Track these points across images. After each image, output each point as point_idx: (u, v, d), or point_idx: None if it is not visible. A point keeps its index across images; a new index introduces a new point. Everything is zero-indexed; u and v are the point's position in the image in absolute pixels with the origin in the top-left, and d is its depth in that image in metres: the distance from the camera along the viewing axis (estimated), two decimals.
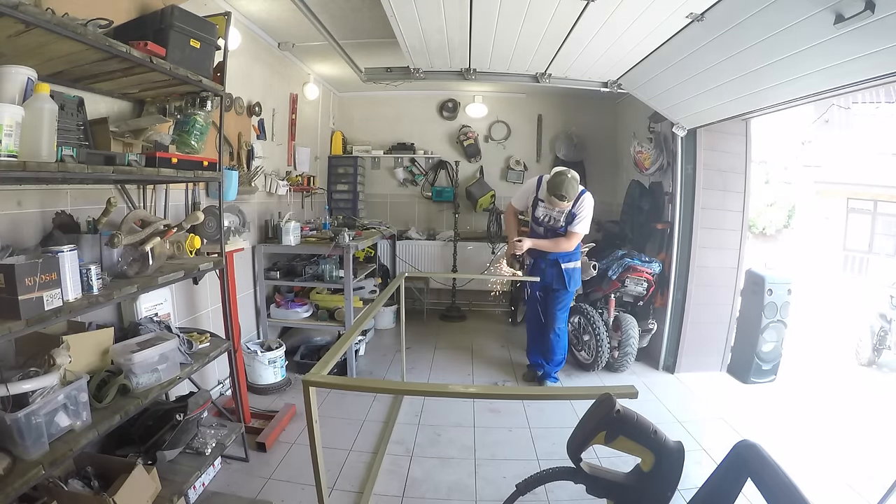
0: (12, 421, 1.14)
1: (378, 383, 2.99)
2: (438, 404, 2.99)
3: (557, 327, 3.22)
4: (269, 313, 3.50)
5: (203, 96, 1.96)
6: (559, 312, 3.21)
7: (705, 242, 3.49)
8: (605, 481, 0.86)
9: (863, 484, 2.19)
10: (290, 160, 3.97)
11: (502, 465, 2.36)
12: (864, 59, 1.86)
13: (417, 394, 3.01)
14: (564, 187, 2.82)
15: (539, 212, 3.12)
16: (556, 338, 3.23)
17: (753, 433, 2.71)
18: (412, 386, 3.00)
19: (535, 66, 3.31)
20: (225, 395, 2.88)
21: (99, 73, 1.63)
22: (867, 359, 4.22)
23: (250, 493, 2.08)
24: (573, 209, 2.97)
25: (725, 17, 2.08)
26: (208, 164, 1.99)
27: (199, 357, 1.93)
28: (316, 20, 2.87)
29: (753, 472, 0.72)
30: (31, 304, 1.17)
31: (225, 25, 2.03)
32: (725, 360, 3.63)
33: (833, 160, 9.50)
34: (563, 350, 3.29)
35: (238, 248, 2.64)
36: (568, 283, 3.13)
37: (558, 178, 2.85)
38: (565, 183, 2.82)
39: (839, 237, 9.80)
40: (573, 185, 2.85)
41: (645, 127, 4.01)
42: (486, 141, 5.21)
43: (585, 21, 2.39)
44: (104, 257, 1.60)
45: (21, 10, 1.07)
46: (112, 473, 1.56)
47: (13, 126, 1.14)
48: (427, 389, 2.66)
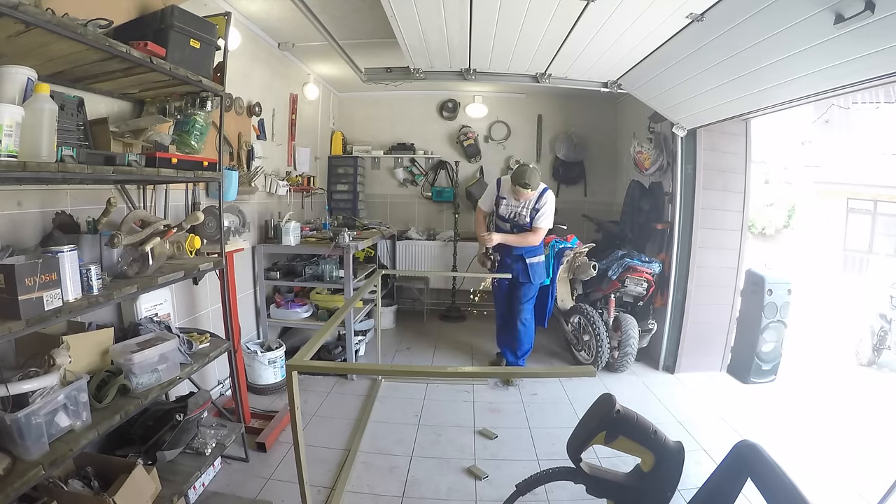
0: (12, 421, 1.14)
1: (357, 366, 3.49)
2: (438, 404, 2.99)
3: (524, 318, 3.36)
4: (269, 313, 3.50)
5: (203, 96, 1.96)
6: (525, 304, 3.35)
7: (705, 242, 3.49)
8: (605, 481, 0.86)
9: (863, 484, 2.19)
10: (290, 160, 3.97)
11: (502, 465, 2.36)
12: (864, 59, 1.85)
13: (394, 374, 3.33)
14: (527, 176, 3.01)
15: (503, 209, 3.30)
16: (522, 328, 3.37)
17: (753, 433, 2.71)
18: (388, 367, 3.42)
19: (535, 66, 3.30)
20: (225, 396, 2.88)
21: (99, 73, 1.63)
22: (867, 359, 4.22)
23: (250, 493, 2.08)
24: (536, 204, 3.15)
25: (725, 17, 2.08)
26: (208, 165, 1.99)
27: (199, 357, 1.93)
28: (316, 20, 2.87)
29: (753, 472, 0.73)
30: (31, 304, 1.17)
31: (225, 25, 2.03)
32: (725, 360, 3.63)
33: (833, 160, 9.49)
34: (529, 340, 3.43)
35: (238, 248, 2.64)
36: (532, 276, 3.30)
37: (521, 169, 3.06)
38: (527, 172, 3.02)
39: (839, 237, 9.79)
40: (535, 176, 3.05)
41: (645, 127, 4.01)
42: (486, 141, 5.21)
43: (585, 21, 2.39)
44: (104, 257, 1.60)
45: (21, 10, 1.07)
46: (112, 473, 1.56)
47: (13, 126, 1.14)
48: (403, 370, 3.01)
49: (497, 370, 3.35)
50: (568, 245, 3.69)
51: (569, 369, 3.52)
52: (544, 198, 3.16)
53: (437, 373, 3.17)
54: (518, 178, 3.03)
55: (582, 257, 3.68)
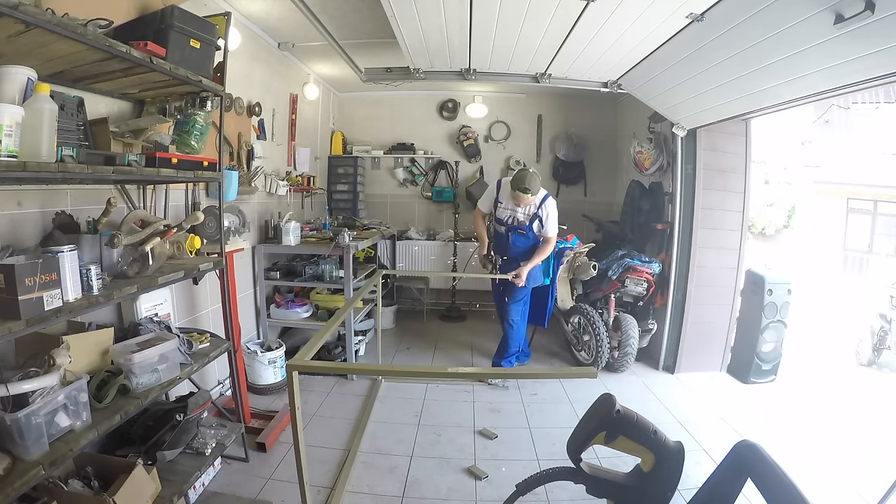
0: (12, 421, 1.14)
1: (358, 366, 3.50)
2: (438, 404, 2.99)
3: (511, 319, 3.36)
4: (269, 313, 3.50)
5: (203, 96, 1.96)
6: (513, 305, 3.34)
7: (705, 242, 3.49)
8: (605, 481, 0.86)
9: (863, 484, 2.19)
10: (290, 160, 3.97)
11: (502, 465, 2.36)
12: (864, 59, 1.85)
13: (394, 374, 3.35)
14: (527, 181, 2.98)
15: (500, 213, 3.31)
16: (509, 329, 3.37)
17: (753, 433, 2.71)
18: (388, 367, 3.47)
19: (535, 66, 3.30)
20: (225, 396, 2.88)
21: (99, 73, 1.63)
22: (867, 359, 4.22)
23: (250, 493, 2.08)
24: (538, 212, 3.16)
25: (725, 17, 2.08)
26: (208, 165, 1.99)
27: (199, 357, 1.93)
28: (316, 20, 2.87)
29: (753, 472, 0.73)
30: (31, 304, 1.17)
31: (225, 25, 2.03)
32: (725, 360, 3.63)
33: (833, 160, 9.49)
34: (516, 342, 3.42)
35: (238, 248, 2.64)
36: (525, 279, 3.28)
37: (521, 174, 3.03)
38: (527, 177, 2.99)
39: (839, 237, 9.79)
40: (535, 180, 3.02)
41: (645, 127, 4.01)
42: (486, 141, 5.21)
43: (585, 21, 2.39)
44: (104, 257, 1.60)
45: (21, 10, 1.07)
46: (112, 473, 1.56)
47: (13, 126, 1.14)
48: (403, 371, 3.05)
49: (497, 371, 3.34)
50: (568, 245, 3.69)
51: (569, 370, 3.51)
52: (546, 206, 3.15)
53: (436, 373, 3.21)
54: (518, 183, 3.00)
55: (582, 257, 3.68)
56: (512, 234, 3.27)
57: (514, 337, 3.38)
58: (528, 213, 3.17)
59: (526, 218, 3.20)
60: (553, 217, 3.18)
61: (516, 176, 3.05)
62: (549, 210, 3.16)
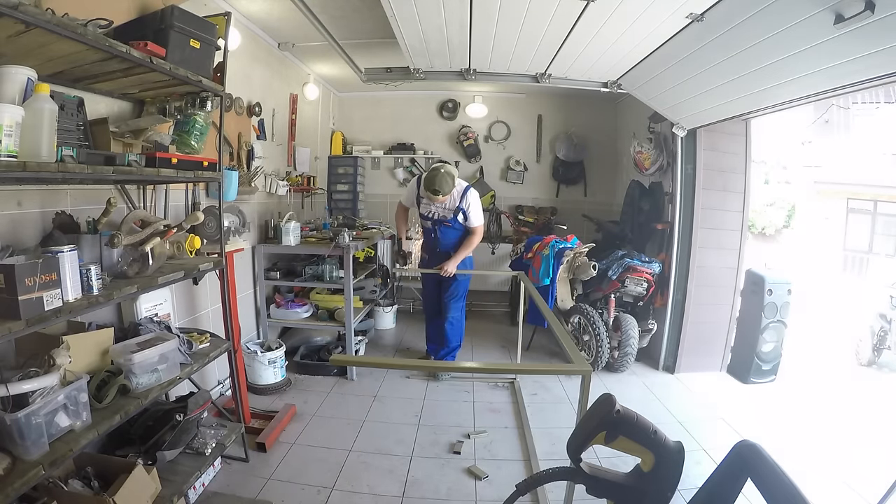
0: (12, 421, 1.14)
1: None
2: (438, 404, 2.99)
3: (452, 316, 3.37)
4: (269, 313, 3.50)
5: (203, 96, 1.95)
6: (452, 301, 3.36)
7: (705, 242, 3.49)
8: (605, 481, 0.86)
9: (863, 484, 2.19)
10: (290, 160, 3.97)
11: (502, 465, 2.36)
12: (864, 59, 1.85)
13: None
14: (437, 182, 2.97)
15: (423, 209, 3.32)
16: (449, 325, 3.38)
17: (753, 433, 2.71)
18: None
19: (535, 66, 3.30)
20: (225, 396, 2.88)
21: (99, 73, 1.63)
22: (867, 359, 4.22)
23: (250, 493, 2.08)
24: (461, 205, 3.15)
25: (725, 17, 2.08)
26: (208, 165, 1.99)
27: (199, 357, 1.93)
28: (316, 20, 2.87)
29: (753, 472, 0.72)
30: (31, 304, 1.17)
31: (225, 25, 2.03)
32: (725, 360, 3.63)
33: (833, 160, 9.49)
34: (457, 337, 3.44)
35: (238, 248, 2.64)
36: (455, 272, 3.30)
37: (431, 174, 3.02)
38: (438, 178, 2.98)
39: (839, 237, 9.79)
40: (446, 180, 2.99)
41: (645, 127, 4.01)
42: (486, 141, 5.21)
43: (585, 21, 2.39)
44: (104, 257, 1.60)
45: (21, 10, 1.07)
46: (112, 474, 1.56)
47: (13, 126, 1.14)
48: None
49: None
50: (568, 245, 3.69)
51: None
52: (468, 197, 3.14)
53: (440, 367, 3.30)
54: (429, 185, 2.99)
55: (582, 257, 3.68)
56: (439, 228, 3.29)
57: (455, 331, 3.41)
58: (450, 207, 3.17)
59: (449, 212, 3.20)
60: (476, 207, 3.17)
61: (427, 176, 3.03)
62: (472, 201, 3.15)
